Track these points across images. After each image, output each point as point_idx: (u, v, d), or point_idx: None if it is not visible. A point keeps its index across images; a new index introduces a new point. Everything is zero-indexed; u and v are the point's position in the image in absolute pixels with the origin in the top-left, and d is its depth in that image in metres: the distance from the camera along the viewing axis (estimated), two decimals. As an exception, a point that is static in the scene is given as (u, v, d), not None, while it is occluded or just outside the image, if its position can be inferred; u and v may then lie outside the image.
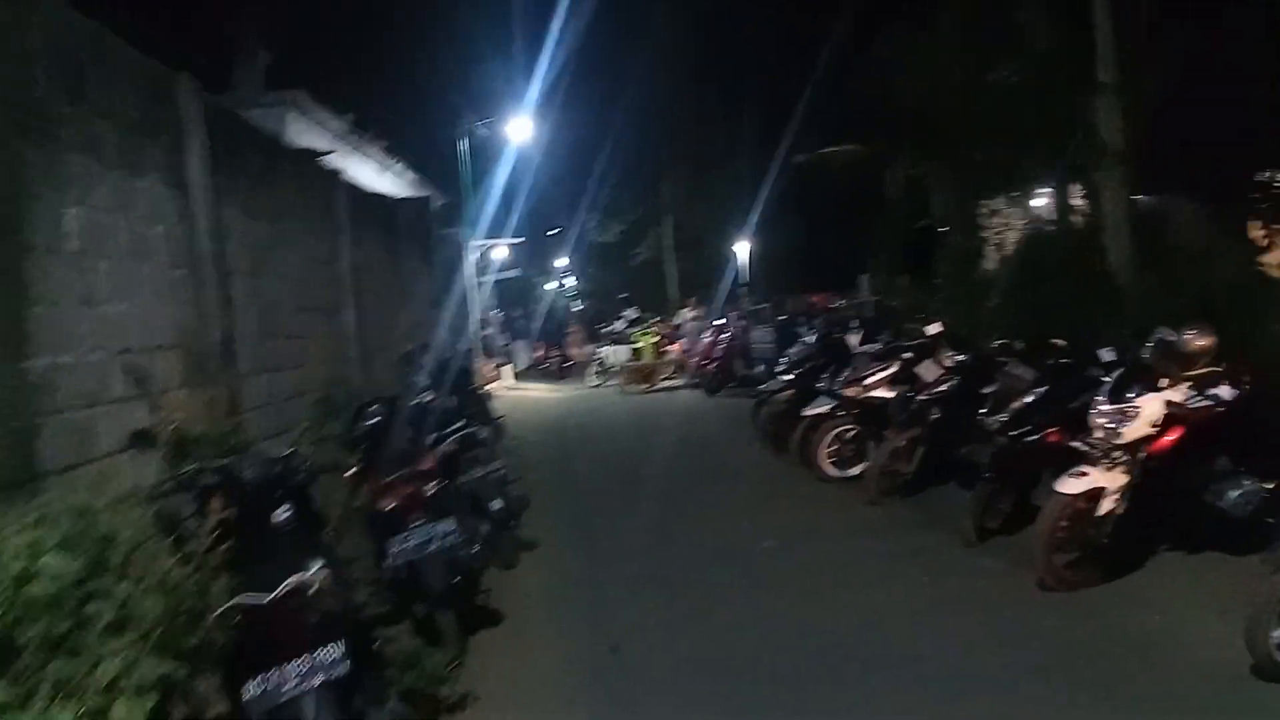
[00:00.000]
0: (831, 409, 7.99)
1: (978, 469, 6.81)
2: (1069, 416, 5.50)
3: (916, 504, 6.98)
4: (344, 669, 2.99)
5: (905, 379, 7.57)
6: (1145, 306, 7.86)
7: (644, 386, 17.47)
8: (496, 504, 6.13)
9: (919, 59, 14.85)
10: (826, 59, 20.57)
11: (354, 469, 5.16)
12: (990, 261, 15.48)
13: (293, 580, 3.09)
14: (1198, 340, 4.56)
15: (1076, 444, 4.72)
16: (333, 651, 3.01)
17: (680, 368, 18.13)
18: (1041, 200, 17.12)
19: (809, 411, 8.21)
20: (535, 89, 20.13)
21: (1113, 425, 4.57)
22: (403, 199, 13.56)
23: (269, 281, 6.13)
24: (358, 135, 15.60)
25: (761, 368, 14.92)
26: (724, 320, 17.34)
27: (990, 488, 5.66)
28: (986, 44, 14.01)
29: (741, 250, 24.80)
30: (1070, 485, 4.61)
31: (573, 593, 5.79)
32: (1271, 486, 4.51)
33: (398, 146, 18.52)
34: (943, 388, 6.89)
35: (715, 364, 15.85)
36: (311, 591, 3.16)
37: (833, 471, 7.94)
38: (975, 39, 14.16)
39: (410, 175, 19.11)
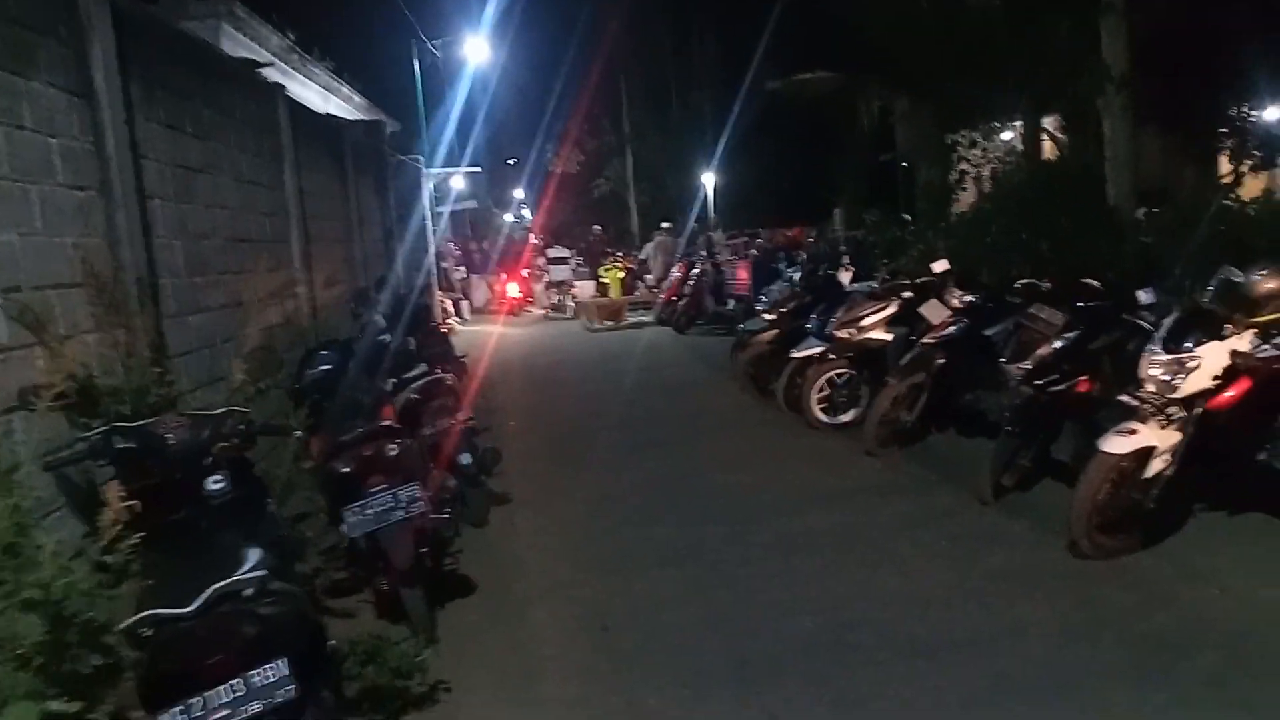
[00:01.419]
0: (823, 351, 7.44)
1: (981, 417, 6.39)
2: (1101, 364, 5.04)
3: (919, 455, 6.49)
4: (288, 694, 2.38)
5: (904, 320, 7.05)
6: (1158, 243, 7.36)
7: (610, 324, 16.82)
8: (465, 458, 5.52)
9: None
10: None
11: (303, 427, 4.49)
12: (970, 195, 14.98)
13: (221, 585, 2.44)
14: (1268, 282, 4.03)
15: (1125, 398, 4.20)
16: (273, 672, 2.39)
17: (648, 304, 17.50)
18: (1009, 134, 16.61)
19: (798, 354, 7.66)
20: (491, 10, 19.03)
21: (1168, 377, 4.05)
22: (354, 121, 12.58)
23: (199, 209, 5.33)
24: (300, 55, 14.48)
25: (733, 304, 14.40)
26: (693, 255, 16.69)
27: (1013, 442, 5.16)
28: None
29: (709, 182, 24.00)
30: (1117, 444, 4.10)
31: (551, 557, 5.21)
32: (1336, 445, 4.05)
33: (346, 68, 17.39)
34: (949, 330, 6.34)
35: (685, 300, 15.23)
36: (247, 593, 2.53)
37: (824, 418, 7.42)
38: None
39: (359, 100, 17.97)
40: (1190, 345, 4.03)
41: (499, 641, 4.16)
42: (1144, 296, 4.87)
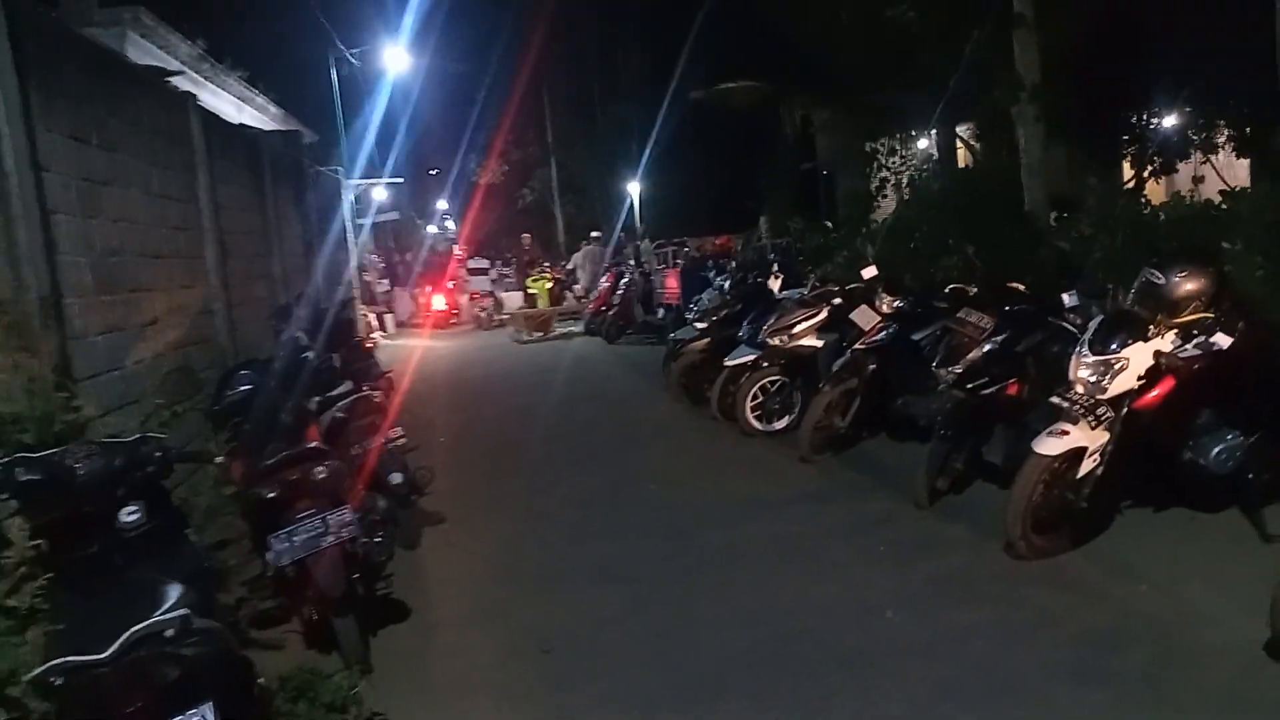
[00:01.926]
0: (755, 359, 7.45)
1: (912, 421, 6.46)
2: (1029, 367, 5.14)
3: (853, 461, 6.54)
4: (216, 742, 2.24)
5: (834, 326, 7.11)
6: (1073, 248, 7.57)
7: (539, 335, 16.66)
8: (396, 478, 5.34)
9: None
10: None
11: (224, 451, 4.29)
12: (891, 203, 15.29)
13: (140, 627, 2.28)
14: (1188, 283, 4.14)
15: (1056, 400, 4.27)
16: (198, 718, 2.24)
17: (576, 314, 17.39)
18: (924, 142, 17.01)
19: (730, 362, 7.67)
20: (411, 19, 18.73)
21: (1096, 378, 4.14)
22: (270, 131, 12.21)
23: (106, 224, 5.07)
24: (211, 64, 14.03)
25: (662, 313, 14.39)
26: (621, 264, 16.66)
27: (945, 446, 5.22)
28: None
29: (635, 191, 24.01)
30: (1050, 445, 4.17)
31: (487, 578, 5.08)
32: (1254, 440, 4.19)
33: (260, 78, 16.88)
34: (880, 336, 6.41)
35: (614, 310, 15.17)
36: (168, 634, 2.37)
37: (757, 426, 7.43)
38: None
39: (275, 110, 17.49)
40: (1116, 347, 4.12)
41: (435, 668, 4.02)
42: (1068, 300, 4.98)
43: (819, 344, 7.08)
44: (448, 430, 9.09)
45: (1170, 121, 16.19)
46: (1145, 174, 16.14)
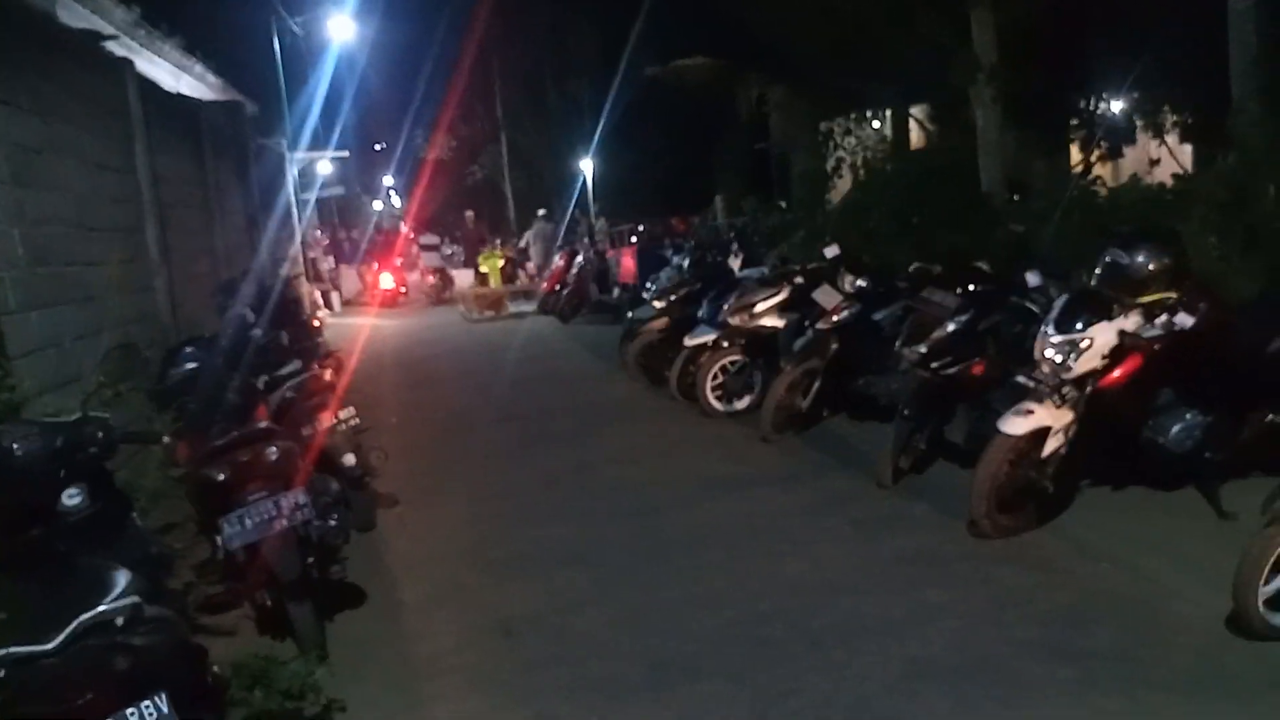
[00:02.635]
0: (715, 339, 7.39)
1: (873, 401, 6.46)
2: (994, 347, 5.14)
3: (814, 440, 6.52)
4: (169, 733, 2.10)
5: (795, 306, 7.07)
6: (1028, 228, 7.63)
7: (491, 314, 16.43)
8: (349, 459, 5.19)
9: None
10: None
11: (169, 431, 4.10)
12: (846, 184, 15.32)
13: (88, 616, 2.13)
14: (1151, 263, 4.16)
15: (1021, 379, 4.27)
16: (151, 710, 2.11)
17: (529, 293, 17.18)
18: (878, 124, 17.07)
19: (690, 342, 7.60)
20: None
21: (1061, 358, 4.14)
22: (211, 102, 11.78)
23: (39, 194, 4.81)
24: (147, 30, 13.46)
25: (617, 293, 14.29)
26: (576, 243, 16.49)
27: (909, 425, 5.21)
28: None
29: (587, 169, 23.78)
30: (1016, 425, 4.17)
31: (445, 560, 4.95)
32: (1212, 419, 4.23)
33: (198, 46, 16.28)
34: (842, 315, 6.38)
35: (568, 289, 15.01)
36: (120, 621, 2.22)
37: (718, 406, 7.38)
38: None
39: (214, 79, 16.88)
40: (1081, 326, 4.12)
41: (394, 653, 3.91)
42: (1031, 279, 4.98)
43: (780, 323, 7.04)
44: (399, 411, 8.90)
45: (1117, 106, 16.46)
46: (1092, 158, 16.40)
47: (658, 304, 8.77)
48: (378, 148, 35.35)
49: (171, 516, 4.82)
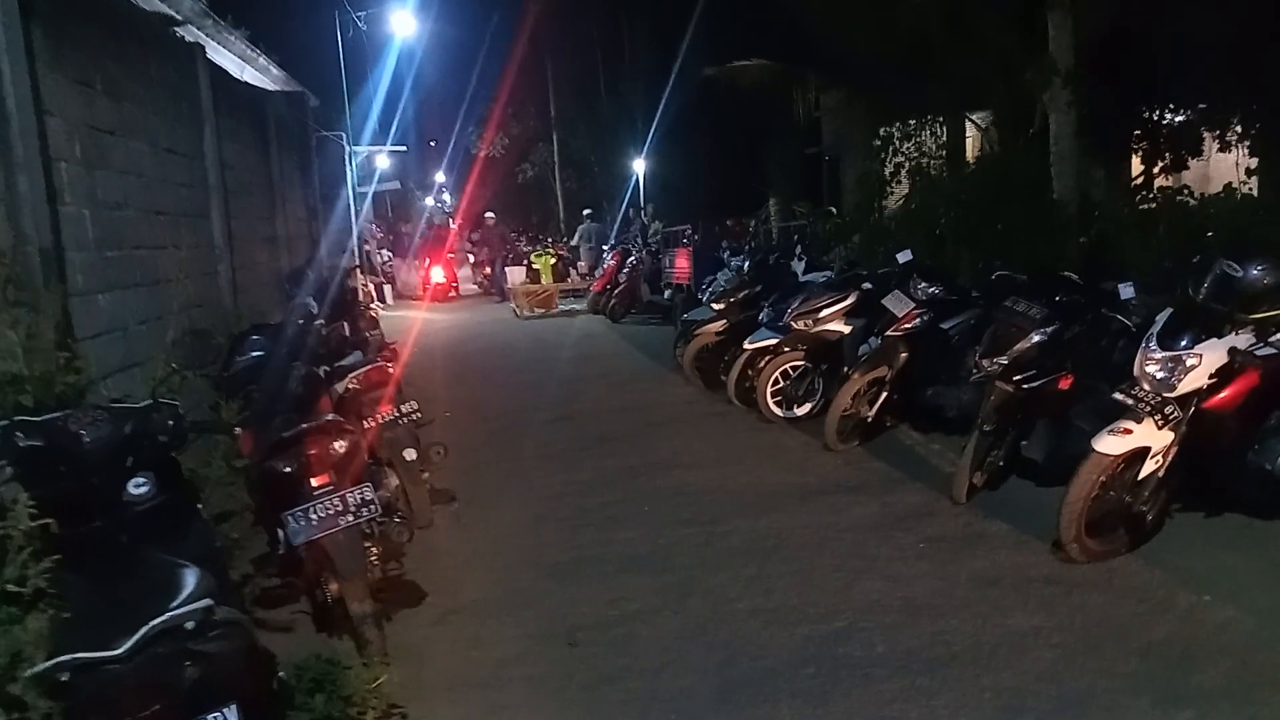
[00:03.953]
0: (777, 343, 7.20)
1: (940, 412, 6.23)
2: (1079, 360, 4.90)
3: (879, 451, 6.31)
4: (244, 751, 1.99)
5: (862, 312, 6.86)
6: (1110, 238, 7.33)
7: (541, 311, 16.37)
8: (409, 453, 5.11)
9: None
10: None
11: (236, 421, 4.02)
12: (902, 189, 14.99)
13: (159, 620, 2.02)
14: (1267, 277, 3.91)
15: (1120, 396, 4.04)
16: (222, 720, 2.00)
17: (579, 292, 17.09)
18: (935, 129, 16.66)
19: (750, 345, 7.42)
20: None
21: (1165, 375, 3.90)
22: (276, 92, 11.85)
23: (111, 175, 4.78)
24: (215, 19, 13.59)
25: (669, 293, 14.11)
26: (628, 242, 16.36)
27: (988, 440, 4.98)
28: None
29: (640, 169, 23.65)
30: (1112, 444, 3.94)
31: (505, 562, 4.83)
32: (1324, 445, 3.96)
33: (262, 38, 16.45)
34: (912, 323, 6.17)
35: (620, 289, 14.89)
36: (191, 625, 2.11)
37: (778, 412, 7.19)
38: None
39: (277, 71, 17.04)
40: (1188, 343, 3.88)
41: (456, 659, 3.78)
42: (1124, 291, 4.74)
43: (846, 329, 6.84)
44: (452, 405, 8.82)
45: (1180, 117, 15.93)
46: (1155, 169, 15.91)
47: (716, 306, 8.59)
48: (431, 144, 35.57)
49: (227, 505, 4.77)
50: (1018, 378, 4.88)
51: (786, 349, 7.15)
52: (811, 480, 5.81)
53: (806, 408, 7.19)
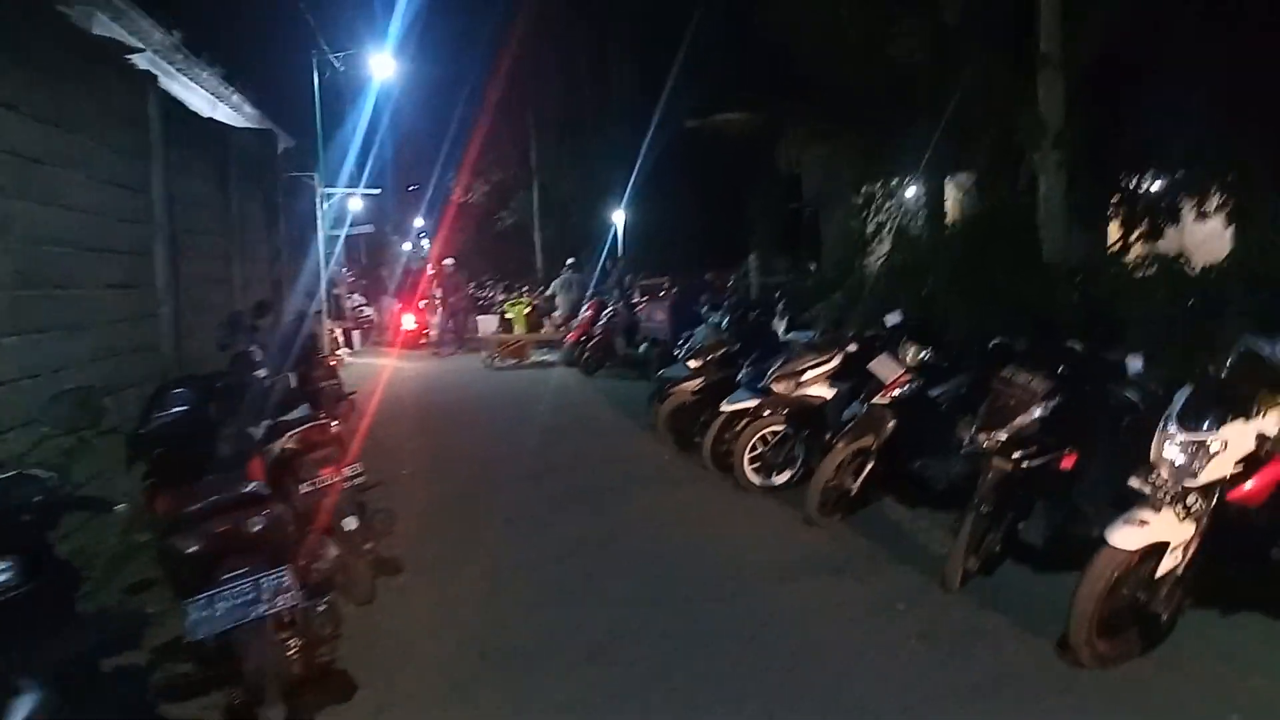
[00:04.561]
0: (756, 406, 6.81)
1: (928, 485, 5.84)
2: (1087, 438, 4.53)
3: (863, 525, 5.88)
4: None
5: (847, 375, 6.49)
6: (1102, 305, 7.03)
7: (514, 361, 15.93)
8: (350, 522, 4.64)
9: (815, 22, 13.87)
10: (714, 18, 19.39)
11: (140, 487, 3.54)
12: (883, 247, 14.80)
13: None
14: (1298, 355, 3.57)
15: (1135, 483, 3.65)
16: None
17: (553, 343, 16.67)
18: (912, 190, 16.56)
19: (728, 407, 7.01)
20: (398, 31, 18.18)
21: (1186, 461, 3.53)
22: (241, 128, 11.48)
23: (36, 207, 4.34)
24: (186, 54, 13.27)
25: (645, 347, 13.74)
26: (605, 293, 16.01)
27: (985, 521, 4.58)
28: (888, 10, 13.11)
29: (619, 220, 23.44)
30: (1128, 537, 3.55)
31: (451, 646, 4.33)
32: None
33: (238, 77, 16.15)
34: (901, 390, 5.80)
35: (594, 341, 14.49)
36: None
37: (755, 480, 6.75)
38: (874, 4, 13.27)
39: (250, 110, 16.73)
40: (1212, 425, 3.52)
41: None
42: (1133, 364, 4.40)
43: (829, 394, 6.46)
44: (413, 461, 8.34)
45: (1157, 185, 15.95)
46: (1132, 237, 15.90)
47: (692, 364, 8.19)
48: (411, 189, 35.30)
49: (148, 571, 4.27)
50: (1017, 455, 4.50)
51: (766, 412, 6.75)
52: (792, 557, 5.37)
53: (785, 475, 6.77)
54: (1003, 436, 4.55)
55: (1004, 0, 10.74)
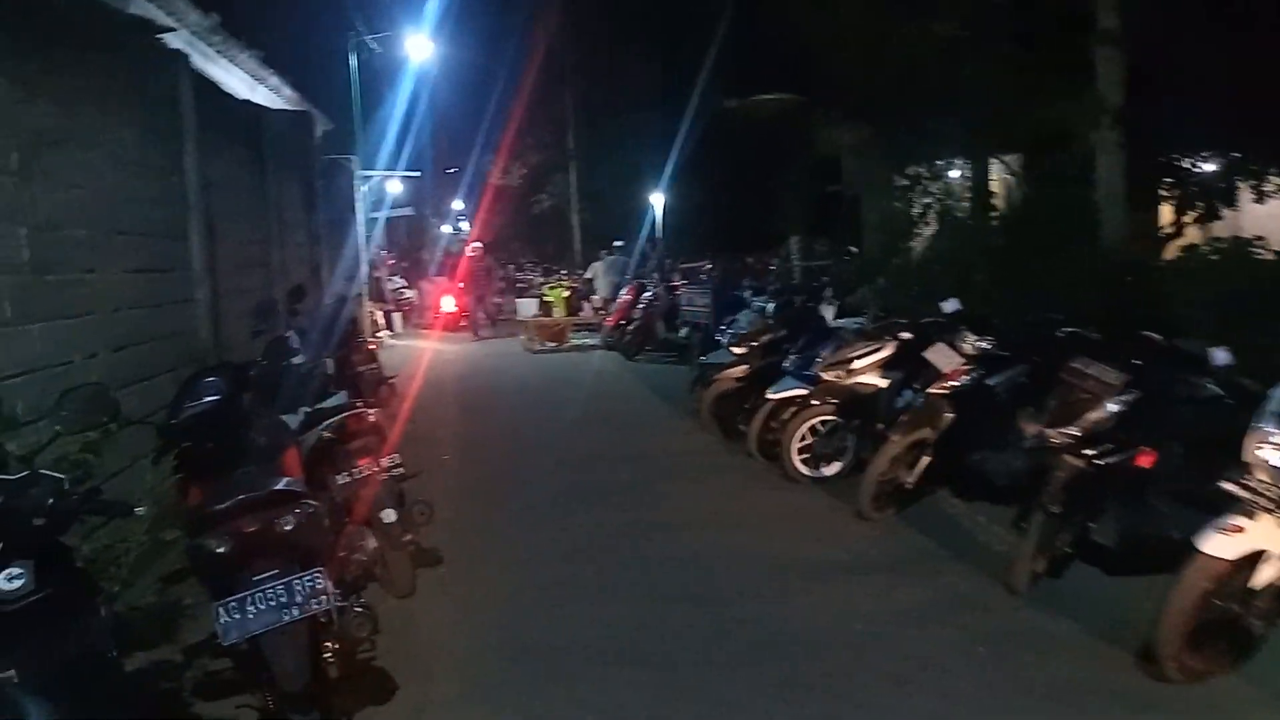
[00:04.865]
0: (805, 394, 6.56)
1: (987, 480, 5.57)
2: (1165, 434, 4.23)
3: (918, 521, 5.63)
4: None
5: (900, 364, 6.22)
6: (1169, 293, 6.67)
7: (553, 345, 15.78)
8: (389, 515, 4.48)
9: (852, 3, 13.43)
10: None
11: (167, 480, 3.40)
12: (929, 230, 14.39)
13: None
14: None
15: (1229, 486, 3.37)
16: None
17: (592, 326, 16.48)
18: (955, 172, 16.06)
19: (774, 395, 6.78)
20: (434, 10, 18.03)
21: (1288, 463, 3.24)
22: (277, 110, 11.37)
23: (53, 188, 4.21)
24: (224, 36, 13.19)
25: (686, 331, 13.49)
26: (645, 277, 15.79)
27: (1055, 522, 4.31)
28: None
29: (658, 202, 23.14)
30: (1222, 545, 3.28)
31: (489, 646, 4.16)
32: None
33: (276, 57, 16.09)
34: (959, 381, 5.53)
35: (635, 325, 14.27)
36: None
37: (804, 471, 6.52)
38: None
39: (289, 92, 16.67)
40: (1311, 424, 3.23)
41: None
42: (1219, 356, 4.09)
43: (882, 383, 6.19)
44: (453, 447, 8.21)
45: (1212, 166, 15.34)
46: (1187, 219, 15.33)
47: (737, 350, 7.95)
48: (449, 171, 35.23)
49: (182, 562, 4.16)
50: (1090, 452, 4.22)
51: (816, 402, 6.50)
52: (844, 555, 5.14)
53: (835, 467, 6.52)
54: (1075, 432, 4.27)
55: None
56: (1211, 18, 10.35)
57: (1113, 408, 4.20)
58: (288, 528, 3.01)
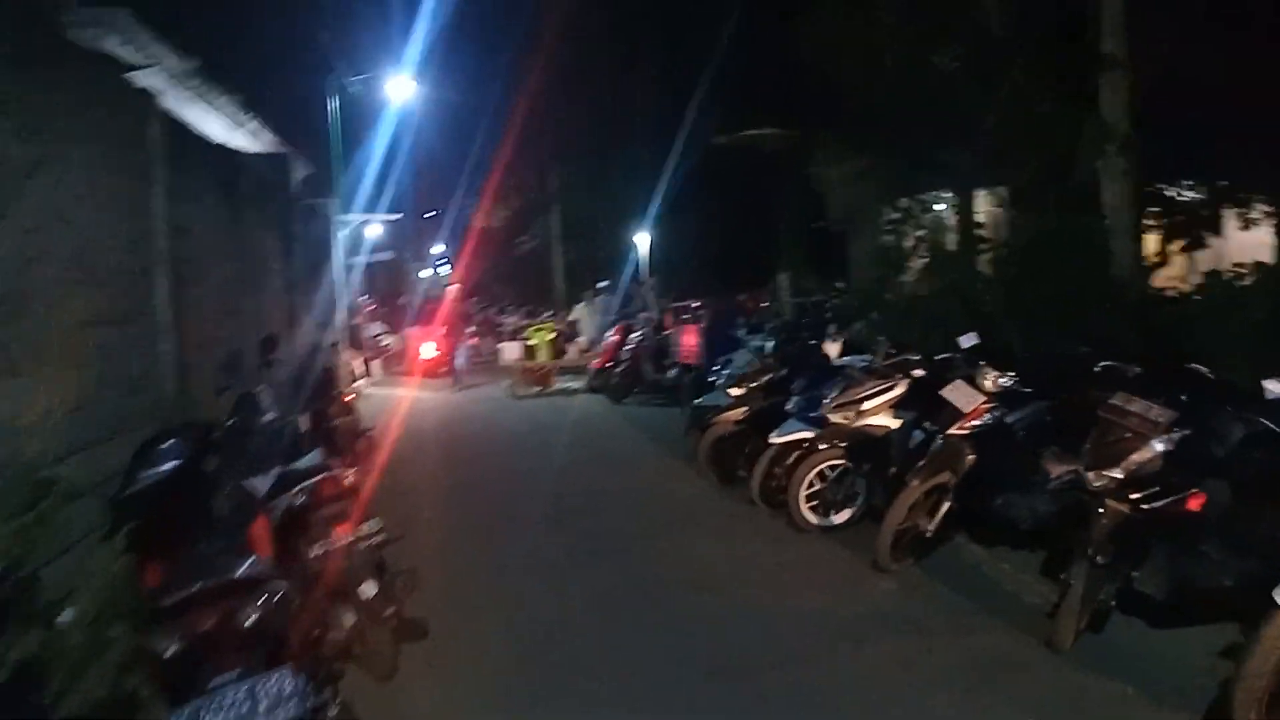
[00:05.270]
0: (812, 438, 6.21)
1: (1011, 525, 5.22)
2: (1218, 474, 3.90)
3: (940, 572, 5.26)
4: None
5: (913, 403, 5.89)
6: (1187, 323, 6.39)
7: (537, 389, 15.37)
8: (369, 588, 4.07)
9: (852, 36, 13.37)
10: (743, 36, 18.96)
11: (118, 560, 3.00)
12: (919, 263, 14.17)
13: None
14: None
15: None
16: None
17: (578, 369, 16.10)
18: (940, 206, 15.91)
19: (778, 439, 6.41)
20: (415, 51, 17.85)
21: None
22: (253, 153, 11.05)
23: (10, 229, 3.84)
24: (202, 80, 12.91)
25: (674, 372, 13.13)
26: (632, 317, 15.45)
27: (1100, 573, 3.96)
28: (933, 22, 12.57)
29: (643, 241, 22.92)
30: (1304, 599, 2.93)
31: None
32: None
33: (256, 100, 15.84)
34: (980, 420, 5.20)
35: (622, 367, 13.90)
36: None
37: (813, 519, 6.15)
38: (919, 17, 12.74)
39: (269, 136, 16.40)
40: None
41: None
42: (1273, 389, 3.78)
43: (894, 424, 5.86)
44: (433, 504, 7.78)
45: (1197, 195, 15.33)
46: (1173, 247, 15.27)
47: (734, 391, 7.59)
48: (428, 215, 34.99)
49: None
50: (1135, 496, 3.88)
51: (823, 445, 6.14)
52: (865, 611, 4.76)
53: (846, 514, 6.17)
54: (1118, 475, 3.94)
55: (1051, 7, 10.20)
56: (1208, 37, 10.27)
57: (1159, 447, 3.87)
58: (248, 621, 2.61)
